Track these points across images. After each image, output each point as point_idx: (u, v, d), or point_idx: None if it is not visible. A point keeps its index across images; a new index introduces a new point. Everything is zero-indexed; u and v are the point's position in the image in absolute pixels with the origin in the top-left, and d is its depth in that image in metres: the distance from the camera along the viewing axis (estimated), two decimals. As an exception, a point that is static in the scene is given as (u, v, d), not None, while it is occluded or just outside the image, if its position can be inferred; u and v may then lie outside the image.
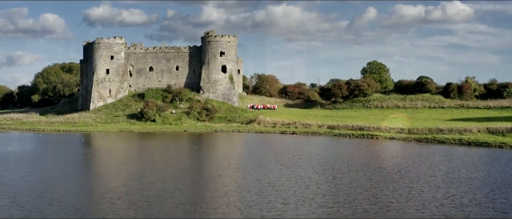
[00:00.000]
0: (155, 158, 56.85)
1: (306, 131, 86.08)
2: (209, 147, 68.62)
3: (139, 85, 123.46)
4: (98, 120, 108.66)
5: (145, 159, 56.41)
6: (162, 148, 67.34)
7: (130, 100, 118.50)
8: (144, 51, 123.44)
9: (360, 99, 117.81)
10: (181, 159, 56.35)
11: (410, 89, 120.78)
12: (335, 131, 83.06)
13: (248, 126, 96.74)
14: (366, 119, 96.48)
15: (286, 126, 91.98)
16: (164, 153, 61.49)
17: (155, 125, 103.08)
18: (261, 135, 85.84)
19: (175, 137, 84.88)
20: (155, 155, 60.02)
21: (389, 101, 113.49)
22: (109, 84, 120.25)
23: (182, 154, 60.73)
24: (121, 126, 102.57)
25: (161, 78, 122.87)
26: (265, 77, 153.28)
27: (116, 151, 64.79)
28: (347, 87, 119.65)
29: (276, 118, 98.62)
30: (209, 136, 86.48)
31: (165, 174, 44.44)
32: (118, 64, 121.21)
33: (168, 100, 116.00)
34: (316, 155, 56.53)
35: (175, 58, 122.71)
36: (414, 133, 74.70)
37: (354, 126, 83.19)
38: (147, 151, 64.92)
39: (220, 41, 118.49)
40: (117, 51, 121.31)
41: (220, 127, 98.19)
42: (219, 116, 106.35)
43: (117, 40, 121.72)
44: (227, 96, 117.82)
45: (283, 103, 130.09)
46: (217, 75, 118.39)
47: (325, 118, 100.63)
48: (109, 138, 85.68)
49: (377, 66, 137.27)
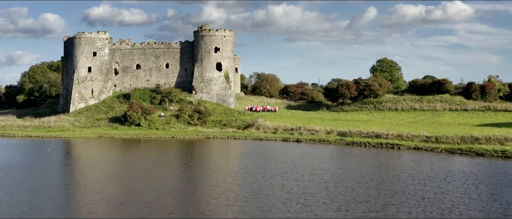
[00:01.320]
0: (126, 178, 44.60)
1: (313, 138, 73.82)
2: (197, 160, 56.28)
3: (125, 85, 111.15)
4: (77, 123, 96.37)
5: (112, 180, 44.16)
6: (140, 162, 55.03)
7: (114, 101, 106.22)
8: (131, 47, 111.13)
9: (370, 100, 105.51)
10: (154, 182, 44.01)
11: (427, 90, 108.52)
12: (347, 138, 70.81)
13: (245, 132, 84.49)
14: (380, 123, 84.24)
15: (289, 132, 79.75)
16: (138, 172, 49.12)
17: (140, 129, 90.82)
18: (261, 143, 73.62)
19: (160, 145, 72.65)
20: (128, 173, 47.75)
21: (403, 103, 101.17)
22: (91, 84, 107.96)
23: (159, 172, 48.36)
24: (102, 131, 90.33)
25: (149, 77, 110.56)
26: (265, 76, 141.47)
27: (81, 167, 52.46)
28: (356, 87, 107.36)
29: (277, 122, 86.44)
30: (200, 144, 74.25)
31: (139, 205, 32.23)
32: (102, 61, 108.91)
33: (156, 101, 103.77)
34: (332, 174, 44.33)
35: (165, 55, 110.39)
36: (443, 141, 62.50)
37: (369, 132, 70.92)
38: (120, 165, 52.63)
39: (215, 35, 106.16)
40: (100, 47, 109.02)
41: (214, 132, 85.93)
42: (213, 120, 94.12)
43: (100, 35, 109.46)
44: (222, 97, 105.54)
45: (284, 105, 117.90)
46: (211, 73, 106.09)
47: (332, 122, 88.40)
48: (83, 147, 73.44)
49: (388, 64, 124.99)
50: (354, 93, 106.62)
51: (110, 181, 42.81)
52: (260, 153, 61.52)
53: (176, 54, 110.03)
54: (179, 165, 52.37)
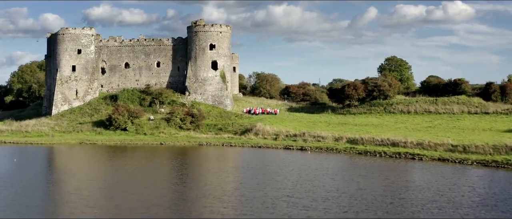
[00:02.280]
0: (88, 200, 35.68)
1: (319, 146, 64.85)
2: (182, 176, 47.30)
3: (112, 85, 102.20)
4: (57, 128, 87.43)
5: (74, 200, 35.24)
6: (113, 178, 46.10)
7: (100, 103, 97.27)
8: (119, 44, 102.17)
9: (380, 102, 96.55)
10: (126, 204, 35.07)
11: (441, 90, 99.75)
12: (359, 146, 61.83)
13: (242, 138, 75.53)
14: (393, 128, 75.34)
15: (292, 138, 70.84)
16: (107, 192, 40.21)
17: (125, 135, 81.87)
18: (260, 152, 64.71)
19: (145, 154, 63.74)
20: (92, 194, 38.83)
21: (416, 105, 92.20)
22: (75, 84, 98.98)
23: (132, 193, 39.38)
24: (83, 136, 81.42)
25: (139, 76, 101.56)
26: (265, 76, 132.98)
27: (37, 187, 43.53)
28: (364, 88, 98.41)
29: (279, 126, 77.55)
30: (190, 153, 65.34)
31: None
32: (87, 59, 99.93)
33: (146, 103, 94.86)
34: (351, 198, 35.41)
35: (156, 52, 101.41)
36: (473, 151, 53.55)
37: (383, 140, 61.93)
38: (87, 182, 43.69)
39: (210, 31, 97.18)
40: (85, 44, 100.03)
41: (207, 138, 76.98)
42: (207, 123, 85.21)
43: (85, 31, 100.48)
44: (218, 99, 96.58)
45: (285, 106, 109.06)
46: (206, 73, 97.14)
47: (340, 126, 79.49)
48: (57, 155, 64.58)
49: (397, 63, 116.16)
50: (361, 94, 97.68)
51: (71, 205, 33.95)
52: (259, 165, 52.60)
53: (168, 52, 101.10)
54: (161, 180, 43.48)
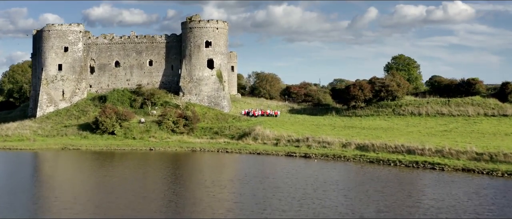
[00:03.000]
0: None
1: (325, 153, 58.19)
2: (168, 190, 40.70)
3: (102, 85, 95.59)
4: (40, 131, 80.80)
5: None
6: (90, 191, 39.52)
7: (88, 105, 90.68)
8: (109, 42, 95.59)
9: (388, 103, 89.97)
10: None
11: (453, 91, 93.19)
12: (370, 154, 55.17)
13: (240, 143, 68.93)
14: (405, 132, 68.80)
15: (294, 144, 64.23)
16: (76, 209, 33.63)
17: (113, 139, 75.33)
18: (259, 159, 58.12)
19: (132, 161, 57.16)
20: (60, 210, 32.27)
21: (428, 106, 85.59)
22: (62, 84, 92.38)
23: (108, 210, 32.80)
24: (67, 141, 74.85)
25: (130, 76, 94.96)
26: (265, 76, 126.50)
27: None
28: (371, 88, 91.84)
29: (279, 130, 70.99)
30: (182, 160, 58.77)
31: None
32: (74, 58, 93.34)
33: (137, 104, 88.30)
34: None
35: (148, 50, 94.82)
36: (501, 160, 46.98)
37: (397, 146, 55.32)
38: (57, 200, 37.11)
39: (206, 27, 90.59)
40: (73, 41, 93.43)
41: (201, 143, 70.40)
42: (202, 127, 78.65)
43: (73, 27, 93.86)
44: (214, 100, 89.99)
45: (286, 108, 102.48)
46: (201, 72, 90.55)
47: (346, 130, 72.94)
48: (33, 163, 58.00)
49: (405, 61, 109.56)
50: (368, 95, 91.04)
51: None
52: (258, 177, 46.00)
53: (161, 49, 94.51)
54: (142, 198, 36.93)
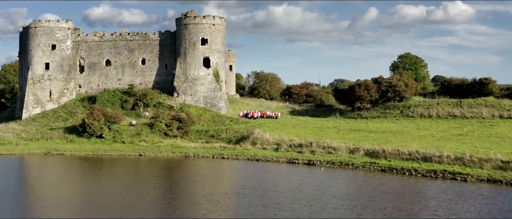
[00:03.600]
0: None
1: (331, 160, 52.75)
2: (155, 204, 35.32)
3: (92, 86, 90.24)
4: (24, 134, 75.49)
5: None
6: (60, 208, 34.14)
7: (77, 106, 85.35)
8: (99, 39, 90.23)
9: (395, 104, 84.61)
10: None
11: (464, 91, 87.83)
12: (381, 161, 49.71)
13: (237, 147, 63.50)
14: (416, 136, 63.42)
15: (297, 149, 58.80)
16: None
17: (101, 143, 69.96)
18: (257, 167, 52.73)
19: (118, 168, 51.77)
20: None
21: (438, 107, 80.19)
22: (49, 84, 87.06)
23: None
24: (51, 145, 69.54)
25: (121, 75, 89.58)
26: (265, 75, 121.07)
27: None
28: (377, 88, 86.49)
29: (280, 134, 65.62)
30: (173, 167, 53.38)
31: None
32: (63, 56, 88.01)
33: (128, 105, 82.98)
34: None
35: (141, 48, 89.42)
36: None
37: (411, 152, 49.91)
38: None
39: (202, 24, 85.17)
40: (61, 38, 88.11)
41: (195, 148, 64.95)
42: (197, 129, 73.29)
43: (61, 23, 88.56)
44: (210, 101, 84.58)
45: (287, 109, 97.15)
46: (197, 71, 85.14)
47: (352, 133, 67.57)
48: (6, 172, 52.59)
49: (412, 60, 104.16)
50: (374, 95, 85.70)
51: None
52: (256, 189, 40.62)
53: (155, 47, 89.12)
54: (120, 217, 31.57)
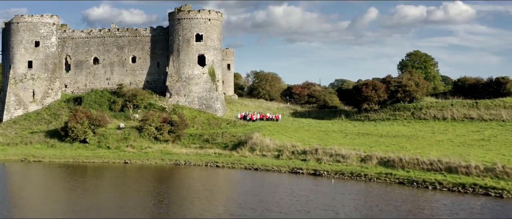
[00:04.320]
0: None
1: (340, 170, 46.33)
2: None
3: (78, 85, 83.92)
4: (2, 138, 69.05)
5: None
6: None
7: (62, 107, 79.00)
8: (86, 36, 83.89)
9: (405, 105, 78.31)
10: None
11: (480, 92, 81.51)
12: (399, 172, 43.26)
13: (234, 154, 57.07)
14: (433, 141, 57.09)
15: (300, 156, 52.37)
16: None
17: (84, 148, 63.63)
18: (256, 178, 46.33)
19: (95, 180, 45.37)
20: None
21: (453, 109, 73.86)
22: (32, 83, 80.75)
23: None
24: (30, 151, 63.19)
25: (110, 74, 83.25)
26: (264, 75, 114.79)
27: None
28: (385, 88, 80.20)
29: (281, 138, 59.29)
30: (160, 178, 47.00)
31: None
32: (47, 54, 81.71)
33: (117, 107, 76.65)
34: None
35: (131, 45, 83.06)
36: None
37: (432, 161, 43.49)
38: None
39: (196, 18, 78.80)
40: (45, 35, 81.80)
41: (187, 154, 58.54)
42: (190, 133, 66.93)
43: (45, 18, 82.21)
44: (206, 102, 78.22)
45: (288, 110, 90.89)
46: (191, 69, 78.78)
47: (360, 138, 61.24)
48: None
49: (421, 58, 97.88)
50: (383, 96, 79.41)
51: None
52: (256, 209, 34.22)
53: (146, 44, 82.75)
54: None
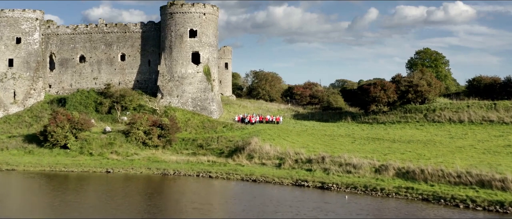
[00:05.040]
0: None
1: (352, 183, 40.14)
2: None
3: (63, 85, 77.82)
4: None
5: None
6: None
7: (45, 109, 72.88)
8: (72, 32, 77.77)
9: (417, 107, 72.14)
10: None
11: (497, 92, 75.33)
12: (421, 186, 37.05)
13: (229, 162, 50.87)
14: (455, 148, 50.94)
15: (305, 165, 46.17)
16: None
17: (64, 155, 57.44)
18: (255, 192, 40.09)
19: (71, 195, 39.21)
20: None
21: (469, 111, 67.67)
22: (13, 83, 74.64)
23: None
24: (5, 157, 56.97)
25: (97, 73, 77.13)
26: (264, 74, 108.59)
27: None
28: (395, 88, 74.05)
29: (283, 144, 53.14)
30: (142, 192, 40.82)
31: None
32: (29, 51, 75.64)
33: (104, 109, 70.56)
34: None
35: (120, 41, 76.94)
36: None
37: (460, 173, 37.31)
38: None
39: (190, 13, 72.64)
40: (27, 30, 75.73)
41: (178, 163, 52.29)
42: (183, 138, 60.76)
43: (27, 13, 76.13)
44: (200, 103, 72.06)
45: (290, 112, 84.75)
46: (184, 68, 72.63)
47: (371, 143, 55.06)
48: None
49: (432, 57, 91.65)
50: (392, 96, 73.28)
51: None
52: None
53: (136, 41, 76.61)
54: None
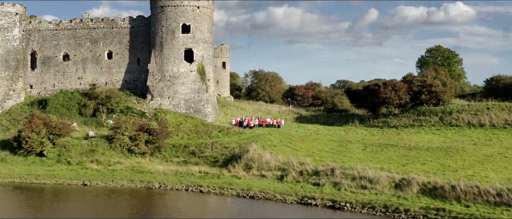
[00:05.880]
0: None
1: (368, 202, 33.70)
2: None
3: (45, 86, 71.51)
4: None
5: None
6: None
7: (25, 111, 66.60)
8: (55, 27, 71.47)
9: (431, 109, 65.70)
10: None
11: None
12: (453, 207, 30.62)
13: (224, 174, 44.44)
14: (481, 157, 44.65)
15: (311, 178, 39.75)
16: None
17: (40, 164, 51.13)
18: (253, 212, 33.72)
19: (26, 213, 32.97)
20: None
21: (490, 113, 61.21)
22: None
23: None
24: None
25: (82, 73, 70.78)
26: (264, 74, 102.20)
27: None
28: (407, 89, 67.67)
29: (286, 152, 46.77)
30: (119, 212, 34.53)
31: None
32: (8, 49, 69.39)
33: (88, 111, 64.22)
34: None
35: (107, 38, 70.59)
36: None
37: (500, 191, 30.98)
38: None
39: (182, 6, 66.20)
40: (6, 26, 69.48)
41: (165, 174, 45.87)
42: (174, 144, 54.38)
43: (6, 7, 69.88)
44: (194, 105, 65.67)
45: (292, 114, 78.36)
46: (176, 66, 66.18)
47: (384, 150, 48.68)
48: None
49: (444, 55, 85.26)
50: (404, 98, 66.92)
51: None
52: None
53: (124, 37, 70.26)
54: None
